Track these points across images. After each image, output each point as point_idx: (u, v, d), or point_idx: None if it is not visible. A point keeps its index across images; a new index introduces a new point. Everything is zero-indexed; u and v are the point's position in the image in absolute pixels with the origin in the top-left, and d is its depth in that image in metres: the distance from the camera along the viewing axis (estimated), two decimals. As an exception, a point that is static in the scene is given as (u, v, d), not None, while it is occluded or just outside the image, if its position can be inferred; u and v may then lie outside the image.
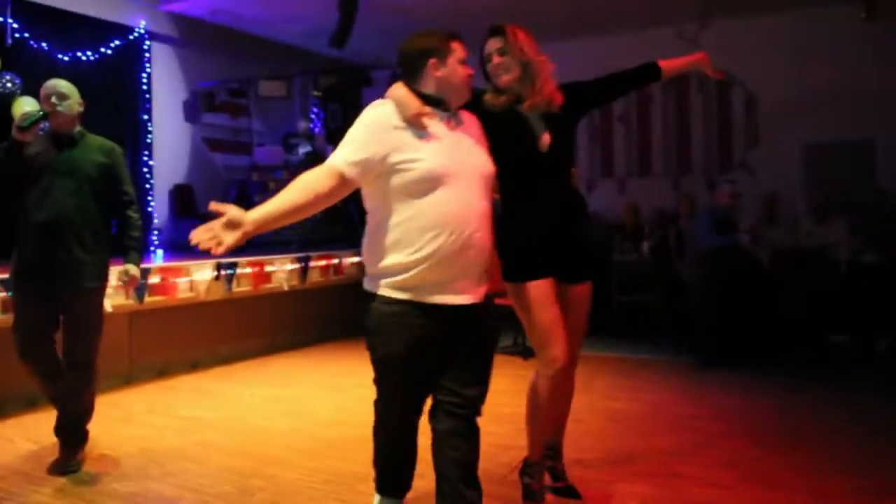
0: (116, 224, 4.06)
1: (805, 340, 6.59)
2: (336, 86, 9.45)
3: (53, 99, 3.85)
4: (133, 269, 4.05)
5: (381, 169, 2.49)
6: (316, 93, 9.82)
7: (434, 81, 2.57)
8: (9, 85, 7.09)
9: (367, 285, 2.68)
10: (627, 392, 5.54)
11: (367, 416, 2.75)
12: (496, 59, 2.96)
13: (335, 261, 7.87)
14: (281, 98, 9.55)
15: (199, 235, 2.38)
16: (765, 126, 8.82)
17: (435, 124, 2.55)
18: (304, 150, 9.26)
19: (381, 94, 2.69)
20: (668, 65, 3.35)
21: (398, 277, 2.52)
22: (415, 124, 2.50)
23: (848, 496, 3.37)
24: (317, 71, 9.76)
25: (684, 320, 6.96)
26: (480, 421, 2.77)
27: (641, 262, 7.82)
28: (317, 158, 9.37)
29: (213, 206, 2.39)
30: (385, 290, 2.57)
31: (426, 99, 2.57)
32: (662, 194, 8.96)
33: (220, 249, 2.37)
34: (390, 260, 2.53)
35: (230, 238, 2.37)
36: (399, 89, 2.59)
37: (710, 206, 7.04)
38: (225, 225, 2.37)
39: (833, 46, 8.23)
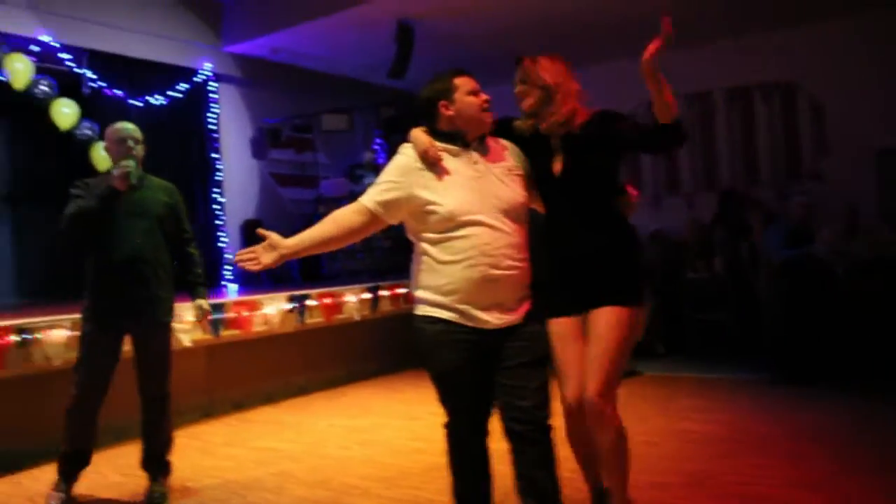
0: (178, 261, 4.20)
1: (887, 356, 6.32)
2: (397, 116, 9.57)
3: (130, 143, 4.03)
4: (205, 304, 4.25)
5: (409, 207, 2.72)
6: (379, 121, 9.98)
7: (447, 120, 2.76)
8: (87, 132, 7.42)
9: (415, 310, 2.83)
10: (703, 413, 5.41)
11: (442, 445, 2.75)
12: (518, 88, 3.05)
13: (404, 289, 7.93)
14: (344, 131, 9.72)
15: (242, 255, 2.69)
16: (834, 133, 8.58)
17: (453, 161, 2.73)
18: (368, 180, 9.41)
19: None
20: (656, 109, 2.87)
21: (437, 300, 2.70)
22: (427, 161, 2.70)
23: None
24: (378, 103, 9.92)
25: (759, 337, 6.78)
26: (558, 443, 2.77)
27: (714, 279, 7.65)
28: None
29: (260, 231, 2.73)
30: (427, 309, 2.75)
31: (443, 136, 2.76)
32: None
33: (258, 267, 2.66)
34: (428, 286, 2.73)
35: (268, 258, 2.66)
36: (415, 131, 2.82)
37: (782, 218, 6.87)
38: (265, 247, 2.67)
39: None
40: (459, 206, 2.64)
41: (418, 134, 2.79)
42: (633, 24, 8.26)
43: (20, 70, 6.96)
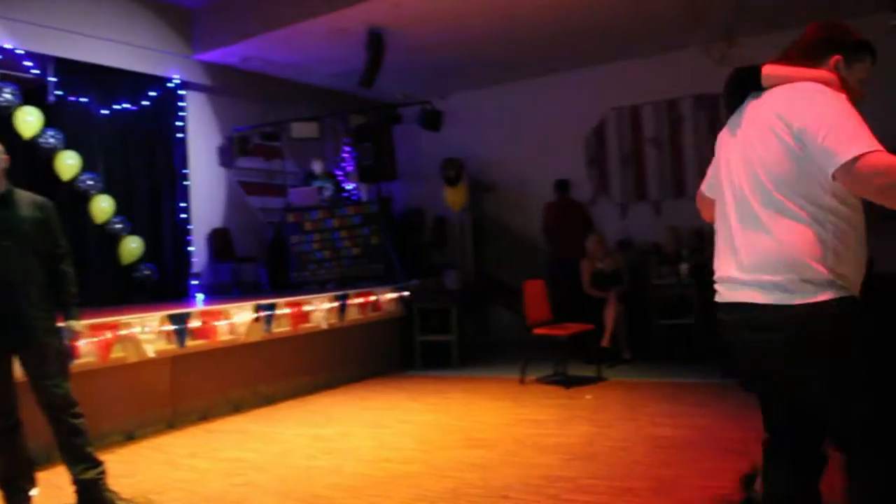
0: (52, 279, 3.96)
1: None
2: (366, 124, 9.55)
3: None
4: (76, 325, 4.03)
5: None
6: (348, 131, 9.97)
7: None
8: (52, 141, 7.31)
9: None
10: (674, 418, 5.43)
11: (410, 453, 2.75)
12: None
13: (373, 298, 7.89)
14: (313, 139, 9.68)
15: None
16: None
17: None
18: (328, 191, 9.39)
19: (409, 131, 2.70)
20: None
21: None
22: None
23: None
24: (347, 111, 9.89)
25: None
26: (526, 451, 2.74)
27: (680, 285, 7.71)
28: (344, 195, 9.53)
29: None
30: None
31: None
32: (698, 215, 8.82)
33: None
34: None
35: None
36: None
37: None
38: None
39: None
40: None
41: None
42: (598, 32, 8.38)
43: (-19, 78, 6.86)
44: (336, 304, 7.40)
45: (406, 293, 8.31)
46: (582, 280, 8.06)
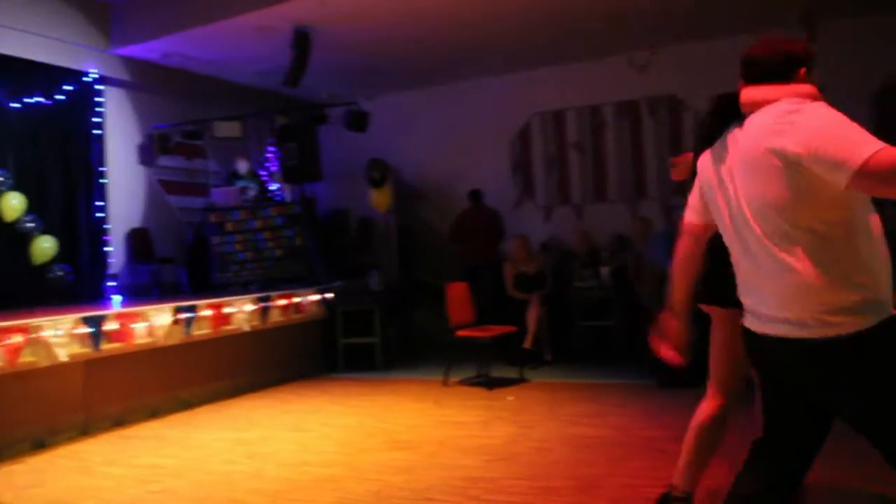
0: None
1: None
2: (291, 124, 9.44)
3: None
4: None
5: None
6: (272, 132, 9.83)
7: None
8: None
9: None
10: (594, 418, 5.54)
11: (332, 456, 2.74)
12: None
13: (296, 299, 7.81)
14: (236, 138, 9.51)
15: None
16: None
17: None
18: (252, 192, 9.23)
19: (335, 131, 2.67)
20: None
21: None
22: None
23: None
24: (272, 110, 9.75)
25: (644, 343, 7.00)
26: (449, 453, 2.75)
27: (602, 288, 7.88)
28: (268, 196, 9.39)
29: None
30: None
31: None
32: (620, 219, 9.06)
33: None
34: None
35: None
36: None
37: (665, 229, 7.13)
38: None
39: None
40: None
41: None
42: (524, 38, 8.49)
43: None
44: (258, 305, 7.29)
45: (329, 295, 8.25)
46: (505, 282, 8.15)
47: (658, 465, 4.24)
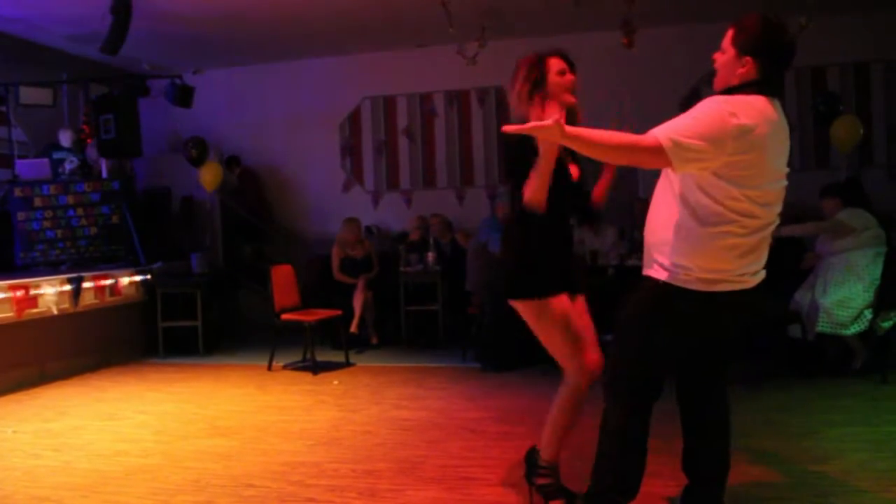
0: None
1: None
2: (109, 95, 8.89)
3: None
4: None
5: None
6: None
7: None
8: None
9: None
10: (416, 400, 5.68)
11: (148, 445, 2.64)
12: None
13: (111, 281, 7.42)
14: (46, 106, 8.84)
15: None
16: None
17: None
18: (71, 165, 8.62)
19: (159, 105, 2.56)
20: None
21: None
22: None
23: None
24: (88, 78, 9.14)
25: (468, 327, 7.26)
26: (270, 439, 2.75)
27: (427, 273, 8.04)
28: (89, 171, 8.81)
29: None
30: None
31: None
32: (447, 206, 9.27)
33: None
34: None
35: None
36: None
37: (490, 216, 7.39)
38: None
39: (598, 67, 8.88)
40: None
41: None
42: (354, 21, 8.45)
43: None
44: (69, 287, 6.87)
45: (148, 276, 7.90)
46: (332, 266, 8.14)
47: (474, 446, 4.44)
